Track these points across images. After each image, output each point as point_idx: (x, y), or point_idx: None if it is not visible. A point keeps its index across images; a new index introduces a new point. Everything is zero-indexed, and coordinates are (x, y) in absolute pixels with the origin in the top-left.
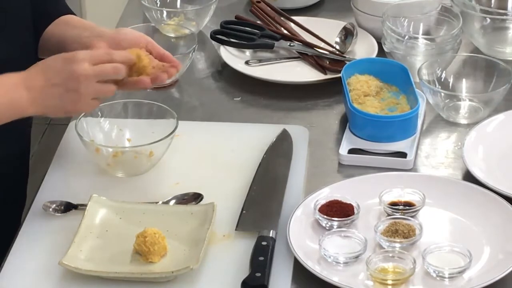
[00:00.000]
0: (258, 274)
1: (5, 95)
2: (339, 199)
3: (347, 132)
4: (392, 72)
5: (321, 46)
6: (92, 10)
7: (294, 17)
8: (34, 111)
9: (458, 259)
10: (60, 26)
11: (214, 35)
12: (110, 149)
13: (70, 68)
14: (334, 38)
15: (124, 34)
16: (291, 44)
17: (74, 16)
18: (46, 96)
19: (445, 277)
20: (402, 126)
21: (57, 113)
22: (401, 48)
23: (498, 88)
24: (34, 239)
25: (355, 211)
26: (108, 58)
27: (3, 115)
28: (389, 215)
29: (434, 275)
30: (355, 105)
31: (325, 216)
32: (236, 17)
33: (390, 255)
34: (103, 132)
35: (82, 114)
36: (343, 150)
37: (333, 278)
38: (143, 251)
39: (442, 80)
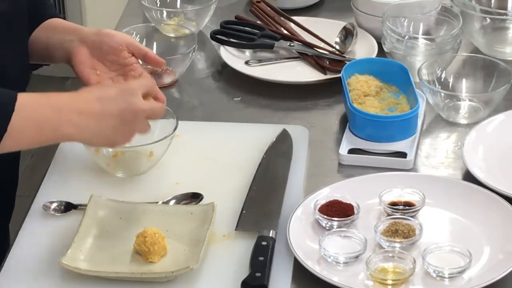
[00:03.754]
0: (258, 274)
1: (54, 117)
2: (339, 199)
3: (347, 132)
4: (392, 72)
5: (321, 46)
6: (92, 10)
7: (294, 17)
8: (80, 138)
9: (458, 259)
10: (45, 31)
11: (214, 35)
12: (110, 149)
13: (129, 100)
14: (334, 38)
15: (106, 37)
16: (291, 44)
17: (59, 19)
18: (100, 125)
19: (445, 277)
20: (402, 126)
21: (102, 143)
22: (401, 48)
23: (498, 88)
24: (34, 239)
25: (355, 211)
26: (154, 110)
27: (44, 134)
28: (389, 215)
29: (434, 275)
30: (355, 105)
31: (325, 216)
32: (236, 17)
33: (390, 255)
34: None
35: None
36: (343, 150)
37: (333, 278)
38: (143, 251)
39: (442, 80)
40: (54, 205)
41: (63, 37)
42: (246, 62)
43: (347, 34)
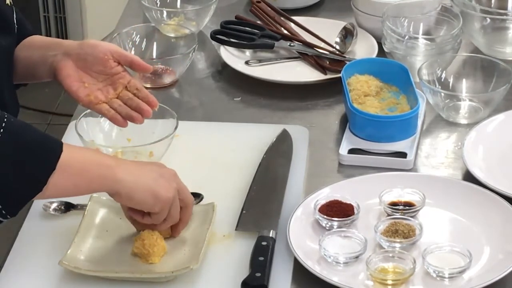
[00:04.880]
0: (258, 274)
1: (96, 155)
2: (339, 199)
3: (347, 132)
4: (392, 72)
5: (321, 46)
6: (92, 10)
7: (294, 17)
8: (124, 177)
9: (458, 259)
10: (24, 49)
11: (214, 35)
12: (110, 149)
13: (162, 168)
14: (334, 38)
15: (90, 48)
16: (291, 44)
17: (37, 35)
18: (139, 170)
19: (445, 277)
20: (402, 126)
21: (146, 193)
22: (401, 48)
23: (498, 88)
24: (34, 239)
25: (355, 211)
26: (185, 188)
27: (91, 173)
28: (389, 215)
29: (434, 275)
30: (355, 105)
31: (325, 216)
32: (236, 17)
33: (390, 255)
34: (103, 132)
35: (83, 114)
36: (343, 150)
37: (333, 278)
38: (143, 254)
39: (442, 80)
40: (54, 205)
41: (45, 53)
42: (246, 62)
43: (347, 34)
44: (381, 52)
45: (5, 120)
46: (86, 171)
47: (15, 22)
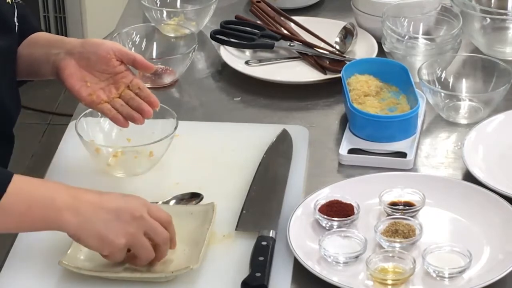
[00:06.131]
0: (258, 274)
1: (47, 190)
2: (339, 199)
3: (347, 132)
4: (392, 72)
5: (321, 46)
6: (92, 10)
7: (294, 17)
8: (71, 219)
9: (458, 259)
10: (28, 47)
11: (214, 35)
12: (110, 149)
13: (129, 204)
14: (334, 38)
15: (92, 47)
16: (291, 44)
17: (41, 32)
18: (92, 212)
19: (445, 277)
20: (402, 126)
21: (91, 238)
22: (401, 48)
23: (498, 88)
24: (34, 239)
25: (355, 211)
26: (157, 231)
27: (34, 211)
28: (389, 215)
29: (434, 275)
30: (355, 105)
31: (325, 216)
32: (236, 17)
33: (390, 255)
34: (103, 132)
35: (82, 114)
36: (343, 150)
37: (333, 278)
38: None
39: (442, 80)
40: None
41: (48, 51)
42: (246, 62)
43: (347, 34)
44: (381, 52)
45: None
46: (30, 212)
47: (15, 20)
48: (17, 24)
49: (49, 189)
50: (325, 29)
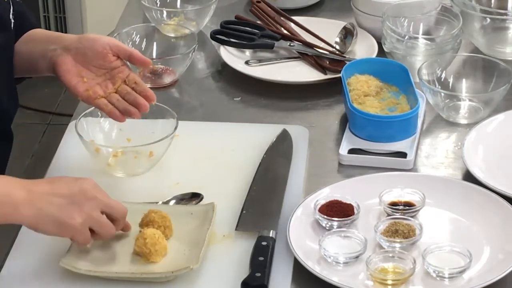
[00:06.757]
0: (258, 274)
1: (1, 187)
2: (339, 199)
3: (347, 132)
4: (392, 72)
5: (321, 46)
6: (92, 10)
7: (294, 17)
8: (26, 214)
9: (458, 259)
10: (25, 44)
11: (214, 35)
12: (110, 149)
13: (81, 185)
14: (334, 38)
15: (89, 42)
16: (291, 44)
17: (38, 29)
18: (46, 202)
19: (445, 277)
20: (402, 126)
21: (49, 225)
22: (401, 48)
23: (498, 88)
24: (34, 239)
25: (355, 211)
26: (113, 206)
27: None
28: (389, 215)
29: (434, 275)
30: (355, 105)
31: (325, 216)
32: (236, 17)
33: (390, 255)
34: (103, 132)
35: (82, 114)
36: (343, 150)
37: (333, 278)
38: (144, 253)
39: (442, 80)
40: None
41: (45, 47)
42: (246, 62)
43: (347, 34)
44: (381, 52)
45: None
46: None
47: (11, 17)
48: (13, 21)
49: (4, 186)
50: (325, 29)
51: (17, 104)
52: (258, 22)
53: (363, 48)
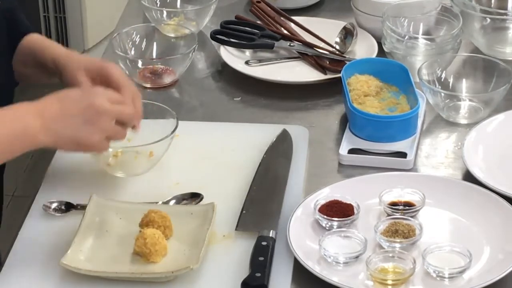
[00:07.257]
0: (258, 274)
1: (17, 123)
2: (339, 199)
3: (347, 132)
4: (392, 72)
5: (321, 46)
6: (92, 10)
7: (294, 17)
8: (46, 140)
9: (458, 259)
10: (24, 66)
11: (214, 35)
12: (110, 149)
13: (89, 100)
14: (334, 38)
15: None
16: (291, 44)
17: (35, 35)
18: (61, 125)
19: (445, 277)
20: (402, 126)
21: (69, 146)
22: (401, 48)
23: (498, 88)
24: (34, 239)
25: (355, 211)
26: (123, 112)
27: (14, 145)
28: (389, 215)
29: (434, 275)
30: (355, 105)
31: (325, 216)
32: (236, 17)
33: (390, 255)
34: None
35: None
36: (343, 150)
37: (333, 278)
38: (144, 253)
39: (442, 80)
40: (54, 205)
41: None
42: (246, 62)
43: (347, 34)
44: (381, 52)
45: None
46: (9, 145)
47: None
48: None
49: (19, 121)
50: (325, 29)
51: (14, 82)
52: (258, 22)
53: (363, 48)
